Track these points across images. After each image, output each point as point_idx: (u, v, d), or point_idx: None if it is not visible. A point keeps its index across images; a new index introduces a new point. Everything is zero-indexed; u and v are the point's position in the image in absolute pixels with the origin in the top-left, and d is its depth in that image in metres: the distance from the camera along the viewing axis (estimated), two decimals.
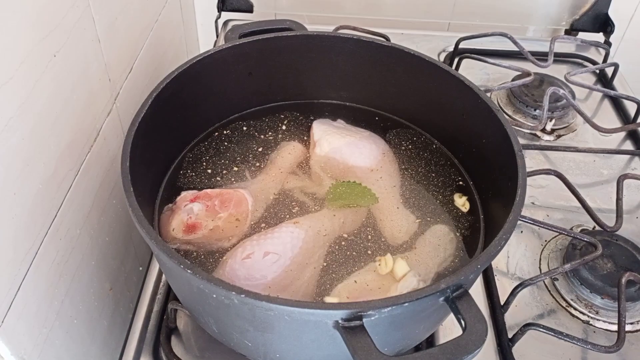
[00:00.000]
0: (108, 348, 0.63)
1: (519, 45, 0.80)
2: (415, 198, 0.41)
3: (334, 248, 0.38)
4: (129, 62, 0.63)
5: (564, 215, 0.65)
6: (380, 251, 0.38)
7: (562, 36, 0.89)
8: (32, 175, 0.44)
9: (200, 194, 0.42)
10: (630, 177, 0.64)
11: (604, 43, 0.89)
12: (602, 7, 0.91)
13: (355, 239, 0.38)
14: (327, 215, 0.40)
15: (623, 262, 0.58)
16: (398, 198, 0.41)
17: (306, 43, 0.56)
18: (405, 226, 0.41)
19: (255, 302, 0.35)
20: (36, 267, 0.46)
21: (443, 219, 0.40)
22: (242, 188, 0.44)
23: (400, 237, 0.42)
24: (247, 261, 0.40)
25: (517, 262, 0.61)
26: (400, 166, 0.42)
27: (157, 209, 0.49)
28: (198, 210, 0.43)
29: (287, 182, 0.42)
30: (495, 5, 0.93)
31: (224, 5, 0.90)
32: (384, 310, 0.35)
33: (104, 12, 0.54)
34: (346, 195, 0.42)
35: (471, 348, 0.34)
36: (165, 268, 0.46)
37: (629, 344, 0.54)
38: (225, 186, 0.42)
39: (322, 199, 0.40)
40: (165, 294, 0.56)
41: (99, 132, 0.56)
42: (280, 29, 0.56)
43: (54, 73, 0.46)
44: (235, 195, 0.45)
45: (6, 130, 0.40)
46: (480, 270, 0.38)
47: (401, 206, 0.40)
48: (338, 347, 0.35)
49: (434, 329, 0.52)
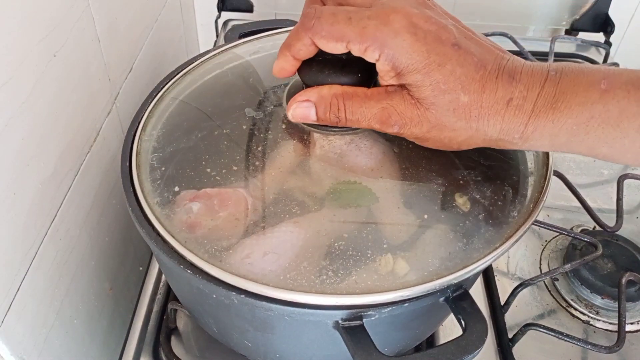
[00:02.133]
0: (108, 348, 0.63)
1: (519, 45, 0.80)
2: (416, 198, 0.41)
3: (334, 248, 0.37)
4: (129, 62, 0.63)
5: (564, 215, 0.65)
6: (380, 251, 0.38)
7: (562, 36, 0.89)
8: (32, 175, 0.44)
9: (199, 194, 0.42)
10: (631, 177, 0.64)
11: (604, 43, 0.89)
12: (602, 7, 0.91)
13: (355, 239, 0.38)
14: (327, 215, 0.40)
15: (623, 262, 0.58)
16: (398, 198, 0.41)
17: None
18: (406, 226, 0.41)
19: (255, 302, 0.35)
20: (36, 267, 0.46)
21: (443, 219, 0.40)
22: (242, 187, 0.44)
23: (401, 237, 0.41)
24: (246, 261, 0.40)
25: (517, 262, 0.61)
26: (401, 165, 0.42)
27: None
28: (197, 209, 0.43)
29: (287, 182, 0.42)
30: (495, 5, 0.93)
31: (224, 5, 0.90)
32: (384, 311, 0.35)
33: (104, 12, 0.54)
34: (346, 195, 0.42)
35: (471, 348, 0.34)
36: (165, 268, 0.46)
37: (629, 344, 0.54)
38: (224, 185, 0.42)
39: (322, 199, 0.40)
40: (165, 294, 0.56)
41: (99, 132, 0.56)
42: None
43: (54, 73, 0.46)
44: (235, 194, 0.45)
45: (6, 130, 0.40)
46: (481, 270, 0.38)
47: (402, 206, 0.40)
48: (338, 347, 0.35)
49: (434, 329, 0.52)
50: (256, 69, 0.51)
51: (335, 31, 0.34)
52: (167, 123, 0.46)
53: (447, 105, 0.34)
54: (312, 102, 0.38)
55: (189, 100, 0.48)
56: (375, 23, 0.34)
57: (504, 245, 0.38)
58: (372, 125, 0.37)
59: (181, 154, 0.43)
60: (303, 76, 0.40)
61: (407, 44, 0.33)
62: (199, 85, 0.49)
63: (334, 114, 0.37)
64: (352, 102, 0.37)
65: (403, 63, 0.34)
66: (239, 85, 0.49)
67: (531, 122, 0.33)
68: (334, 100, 0.37)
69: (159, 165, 0.42)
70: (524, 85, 0.33)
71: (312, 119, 0.38)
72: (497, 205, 0.41)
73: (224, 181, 0.42)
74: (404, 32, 0.33)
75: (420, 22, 0.34)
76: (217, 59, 0.52)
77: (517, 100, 0.33)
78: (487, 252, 0.38)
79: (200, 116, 0.46)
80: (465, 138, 0.36)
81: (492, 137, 0.35)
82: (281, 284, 0.35)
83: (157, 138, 0.44)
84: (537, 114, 0.33)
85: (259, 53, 0.53)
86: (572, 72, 0.33)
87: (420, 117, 0.35)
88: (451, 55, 0.34)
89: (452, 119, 0.34)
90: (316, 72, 0.39)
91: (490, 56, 0.35)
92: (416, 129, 0.36)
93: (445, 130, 0.35)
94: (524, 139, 0.34)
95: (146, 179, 0.41)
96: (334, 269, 0.36)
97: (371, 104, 0.36)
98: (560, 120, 0.33)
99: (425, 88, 0.34)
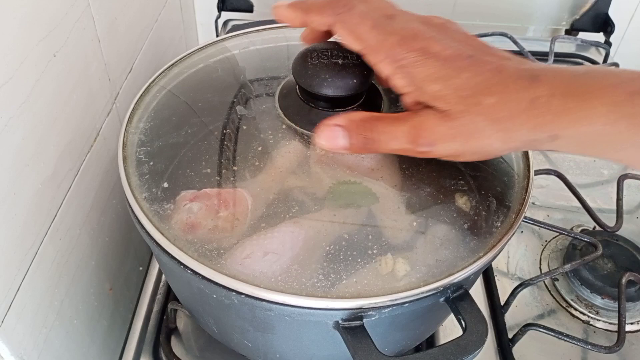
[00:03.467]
0: (108, 348, 0.63)
1: (519, 45, 0.80)
2: (416, 197, 0.41)
3: (334, 248, 0.37)
4: (129, 62, 0.63)
5: (564, 215, 0.65)
6: (380, 251, 0.38)
7: (562, 36, 0.89)
8: (32, 175, 0.44)
9: (199, 194, 0.42)
10: (631, 177, 0.64)
11: (604, 43, 0.89)
12: (602, 7, 0.91)
13: (355, 239, 0.38)
14: (327, 215, 0.40)
15: (623, 262, 0.58)
16: (399, 198, 0.41)
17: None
18: (406, 226, 0.41)
19: (255, 302, 0.35)
20: (36, 267, 0.46)
21: (444, 219, 0.40)
22: (242, 187, 0.44)
23: (401, 237, 0.41)
24: (246, 261, 0.40)
25: (517, 262, 0.61)
26: (401, 165, 0.42)
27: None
28: (197, 209, 0.43)
29: (287, 182, 0.42)
30: (495, 5, 0.93)
31: (224, 5, 0.90)
32: (384, 311, 0.35)
33: (104, 11, 0.54)
34: (346, 195, 0.42)
35: (471, 348, 0.34)
36: (165, 268, 0.46)
37: (629, 344, 0.54)
38: (224, 185, 0.42)
39: (322, 199, 0.40)
40: (165, 294, 0.56)
41: (99, 132, 0.56)
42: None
43: (54, 73, 0.46)
44: (235, 194, 0.45)
45: (6, 130, 0.40)
46: (481, 270, 0.38)
47: (402, 206, 0.40)
48: (338, 347, 0.35)
49: (434, 329, 0.52)
50: (247, 65, 0.51)
51: (358, 32, 0.36)
52: (156, 117, 0.45)
53: (475, 110, 0.34)
54: (341, 126, 0.37)
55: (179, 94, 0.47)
56: (396, 39, 0.35)
57: (502, 241, 0.38)
58: (403, 145, 0.36)
59: (170, 149, 0.43)
60: (298, 78, 0.40)
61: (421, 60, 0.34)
62: (186, 78, 0.49)
63: (363, 134, 0.37)
64: (381, 122, 0.37)
65: (419, 76, 0.34)
66: (230, 82, 0.49)
67: (557, 120, 0.33)
68: (362, 122, 0.37)
69: (147, 159, 0.42)
70: (548, 85, 0.33)
71: (341, 144, 0.38)
72: (497, 203, 0.41)
73: (224, 181, 0.42)
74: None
75: (436, 47, 0.35)
76: (205, 52, 0.52)
77: (542, 99, 0.33)
78: (486, 251, 0.38)
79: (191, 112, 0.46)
80: (500, 143, 0.35)
81: (523, 138, 0.35)
82: (281, 284, 0.35)
83: (144, 131, 0.44)
84: (563, 112, 0.33)
85: (249, 47, 0.53)
86: (599, 72, 0.33)
87: (451, 129, 0.35)
88: (466, 65, 0.34)
89: (483, 124, 0.34)
90: (312, 75, 0.39)
91: (508, 62, 0.35)
92: (450, 145, 0.36)
93: (479, 138, 0.35)
94: (552, 138, 0.34)
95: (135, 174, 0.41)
96: (334, 269, 0.36)
97: (400, 123, 0.36)
98: (588, 119, 0.33)
99: (448, 97, 0.34)
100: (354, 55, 0.39)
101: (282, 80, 0.46)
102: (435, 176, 0.42)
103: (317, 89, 0.40)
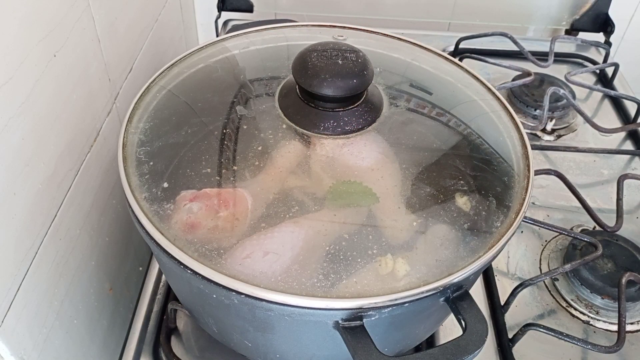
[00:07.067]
0: (108, 348, 0.63)
1: (519, 45, 0.80)
2: (416, 198, 0.41)
3: (334, 248, 0.37)
4: (129, 62, 0.63)
5: (564, 215, 0.65)
6: (380, 251, 0.38)
7: (562, 36, 0.89)
8: (32, 175, 0.44)
9: (199, 194, 0.42)
10: (631, 177, 0.64)
11: (604, 43, 0.89)
12: (602, 7, 0.91)
13: (355, 239, 0.38)
14: (327, 215, 0.40)
15: (623, 262, 0.58)
16: (399, 198, 0.41)
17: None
18: (406, 226, 0.41)
19: (255, 302, 0.35)
20: (36, 267, 0.46)
21: (444, 219, 0.40)
22: (242, 187, 0.44)
23: (401, 237, 0.41)
24: (246, 261, 0.40)
25: (517, 262, 0.61)
26: (401, 165, 0.42)
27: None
28: (197, 209, 0.43)
29: (287, 182, 0.42)
30: (496, 6, 0.93)
31: (224, 5, 0.90)
32: (384, 311, 0.35)
33: (104, 12, 0.54)
34: (346, 195, 0.42)
35: (471, 348, 0.34)
36: (165, 268, 0.46)
37: (629, 344, 0.54)
38: (224, 185, 0.42)
39: (322, 199, 0.40)
40: (165, 294, 0.56)
41: (99, 132, 0.56)
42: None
43: (54, 73, 0.46)
44: (235, 194, 0.45)
45: (6, 130, 0.40)
46: (481, 270, 0.38)
47: (402, 206, 0.40)
48: (338, 347, 0.35)
49: (434, 329, 0.52)
50: (247, 65, 0.51)
51: None
52: (156, 117, 0.45)
53: None
54: None
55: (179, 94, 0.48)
56: None
57: (502, 241, 0.38)
58: None
59: (170, 149, 0.43)
60: (298, 78, 0.40)
61: None
62: (186, 78, 0.49)
63: None
64: None
65: None
66: (230, 82, 0.49)
67: None
68: None
69: (147, 159, 0.42)
70: None
71: None
72: (497, 203, 0.41)
73: (224, 181, 0.42)
74: None
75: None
76: (205, 52, 0.52)
77: None
78: (486, 251, 0.38)
79: (191, 112, 0.46)
80: None
81: None
82: (281, 284, 0.35)
83: (144, 131, 0.44)
84: None
85: (249, 47, 0.53)
86: None
87: None
88: None
89: None
90: (312, 76, 0.39)
91: None
92: None
93: None
94: None
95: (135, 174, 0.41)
96: (334, 269, 0.36)
97: None
98: None
99: None
100: (354, 55, 0.39)
101: (282, 80, 0.46)
102: (435, 176, 0.42)
103: (317, 89, 0.40)
